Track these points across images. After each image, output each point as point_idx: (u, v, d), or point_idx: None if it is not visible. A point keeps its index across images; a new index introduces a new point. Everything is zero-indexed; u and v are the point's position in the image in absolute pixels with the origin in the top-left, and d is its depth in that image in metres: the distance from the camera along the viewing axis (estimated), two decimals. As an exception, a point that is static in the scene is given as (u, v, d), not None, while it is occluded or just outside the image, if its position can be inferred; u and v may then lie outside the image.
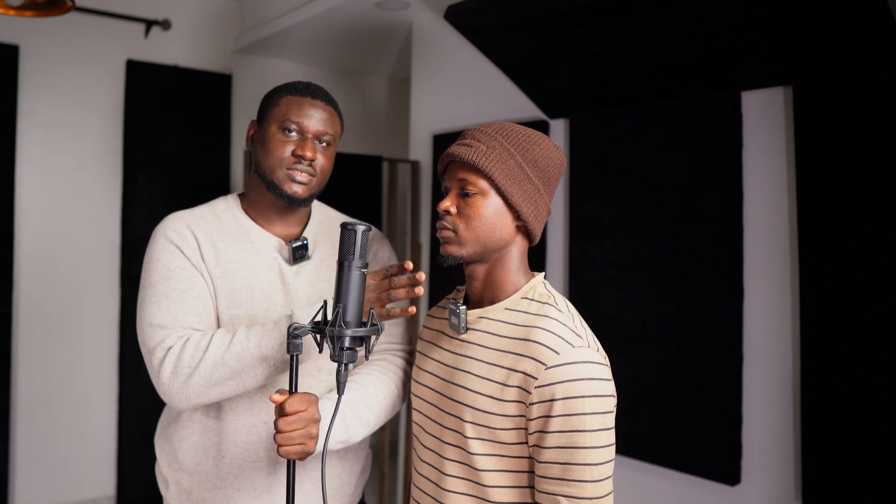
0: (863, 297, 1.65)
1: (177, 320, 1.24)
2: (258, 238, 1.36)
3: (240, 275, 1.31)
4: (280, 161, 1.30)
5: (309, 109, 1.31)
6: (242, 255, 1.33)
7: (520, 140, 1.10)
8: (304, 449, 1.08)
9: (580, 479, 0.97)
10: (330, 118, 1.34)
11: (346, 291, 1.04)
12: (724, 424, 1.90)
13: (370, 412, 1.26)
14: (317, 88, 1.35)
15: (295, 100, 1.32)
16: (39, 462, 3.19)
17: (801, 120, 1.77)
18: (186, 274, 1.28)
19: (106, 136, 3.39)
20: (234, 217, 1.38)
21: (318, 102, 1.33)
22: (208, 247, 1.32)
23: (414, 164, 3.16)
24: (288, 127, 1.30)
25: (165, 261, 1.29)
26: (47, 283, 3.23)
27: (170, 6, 3.56)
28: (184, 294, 1.27)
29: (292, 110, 1.30)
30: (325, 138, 1.33)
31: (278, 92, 1.35)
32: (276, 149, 1.30)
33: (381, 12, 3.07)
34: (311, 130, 1.31)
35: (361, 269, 1.05)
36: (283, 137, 1.30)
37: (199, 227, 1.34)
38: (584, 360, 1.00)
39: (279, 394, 1.07)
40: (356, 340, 1.04)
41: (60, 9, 1.77)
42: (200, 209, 1.39)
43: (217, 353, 1.19)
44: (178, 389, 1.20)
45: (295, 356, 1.07)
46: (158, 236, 1.32)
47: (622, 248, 2.17)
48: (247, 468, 1.29)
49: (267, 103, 1.35)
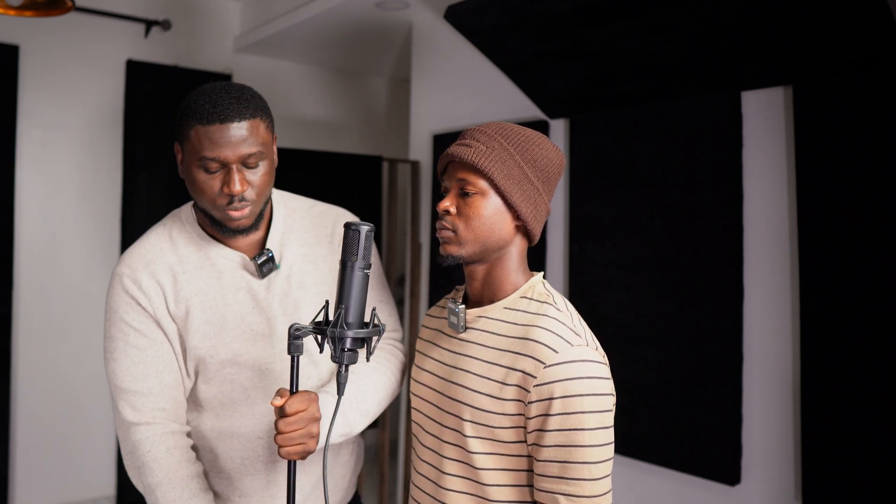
0: (863, 298, 1.65)
1: (139, 385, 1.24)
2: (219, 260, 1.30)
3: (208, 305, 1.27)
4: (212, 203, 1.20)
5: (222, 138, 1.15)
6: (207, 284, 1.28)
7: (519, 140, 1.10)
8: (305, 448, 1.08)
9: (579, 477, 0.97)
10: (250, 133, 1.18)
11: (348, 293, 1.03)
12: (724, 424, 1.90)
13: (369, 402, 1.25)
14: (225, 103, 1.17)
15: (204, 130, 1.16)
16: (39, 462, 3.19)
17: (801, 120, 1.77)
18: (144, 328, 1.25)
19: (106, 136, 3.39)
20: (191, 239, 1.31)
21: (230, 124, 1.16)
22: (171, 286, 1.26)
23: (414, 164, 3.16)
24: (207, 166, 1.17)
25: (122, 313, 1.25)
26: (47, 283, 3.23)
27: (170, 6, 3.56)
28: (143, 353, 1.24)
29: (205, 145, 1.16)
30: (251, 160, 1.19)
31: (186, 119, 1.19)
32: (203, 191, 1.20)
33: (381, 12, 3.07)
34: (234, 159, 1.17)
35: (364, 270, 1.04)
36: (207, 177, 1.18)
37: (158, 265, 1.27)
38: (582, 359, 1.00)
39: (279, 396, 1.07)
40: (357, 342, 1.03)
41: (60, 9, 1.77)
42: (157, 235, 1.32)
43: (147, 485, 1.21)
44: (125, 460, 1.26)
45: (296, 357, 1.06)
46: (115, 284, 1.27)
47: (622, 248, 2.17)
48: (248, 474, 1.29)
49: (179, 131, 1.22)
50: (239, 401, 1.28)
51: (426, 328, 1.28)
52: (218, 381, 1.28)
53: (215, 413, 1.29)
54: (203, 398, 1.29)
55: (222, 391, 1.28)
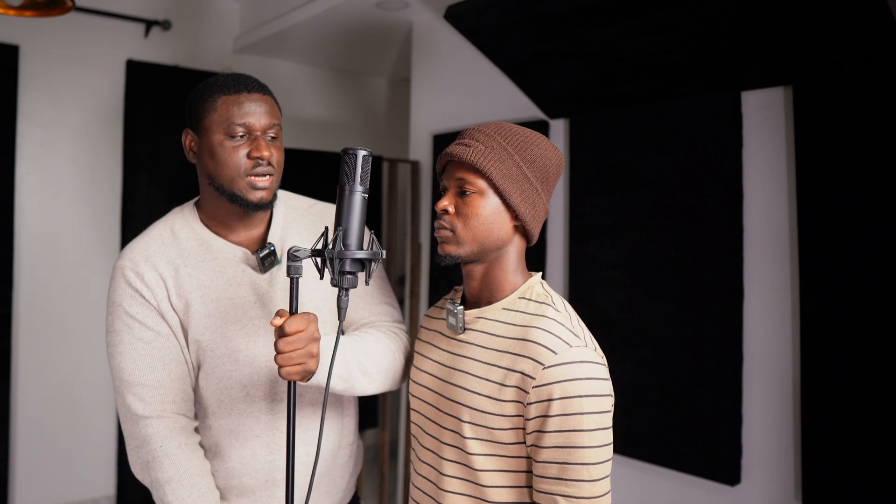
0: (863, 298, 1.65)
1: (148, 378, 1.24)
2: (221, 253, 1.30)
3: (210, 298, 1.27)
4: (238, 169, 1.22)
5: (249, 105, 1.22)
6: (208, 278, 1.28)
7: (518, 140, 1.10)
8: (305, 368, 1.07)
9: (578, 478, 0.97)
10: (271, 108, 1.26)
11: (346, 215, 1.03)
12: (724, 424, 1.90)
13: (369, 361, 1.23)
14: (247, 79, 1.26)
15: (232, 98, 1.22)
16: (39, 462, 3.19)
17: (801, 120, 1.77)
18: (149, 321, 1.25)
19: (106, 136, 3.39)
20: (194, 233, 1.31)
21: (255, 95, 1.24)
22: (172, 279, 1.26)
23: (414, 164, 3.16)
24: (234, 132, 1.21)
25: (126, 306, 1.25)
26: (47, 283, 3.23)
27: (170, 6, 3.56)
28: (149, 345, 1.24)
29: (233, 112, 1.21)
30: (272, 131, 1.25)
31: (209, 93, 1.25)
32: (229, 158, 1.22)
33: (381, 12, 3.07)
34: (259, 127, 1.23)
35: (362, 194, 1.04)
36: (233, 143, 1.22)
37: (160, 258, 1.27)
38: (581, 360, 1.00)
39: (279, 316, 1.06)
40: (356, 264, 1.04)
41: (60, 9, 1.77)
42: (158, 229, 1.33)
43: (156, 480, 1.22)
44: (129, 456, 1.27)
45: (295, 279, 1.06)
46: (118, 277, 1.27)
47: (622, 248, 2.17)
48: (247, 473, 1.29)
49: (200, 108, 1.25)
50: (237, 398, 1.27)
51: (425, 329, 1.28)
52: (216, 377, 1.27)
53: (213, 411, 1.29)
54: (202, 395, 1.29)
55: (221, 388, 1.28)
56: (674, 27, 1.84)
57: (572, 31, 2.03)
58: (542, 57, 2.23)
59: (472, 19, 2.23)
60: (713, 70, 1.92)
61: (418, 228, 3.18)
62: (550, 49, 2.17)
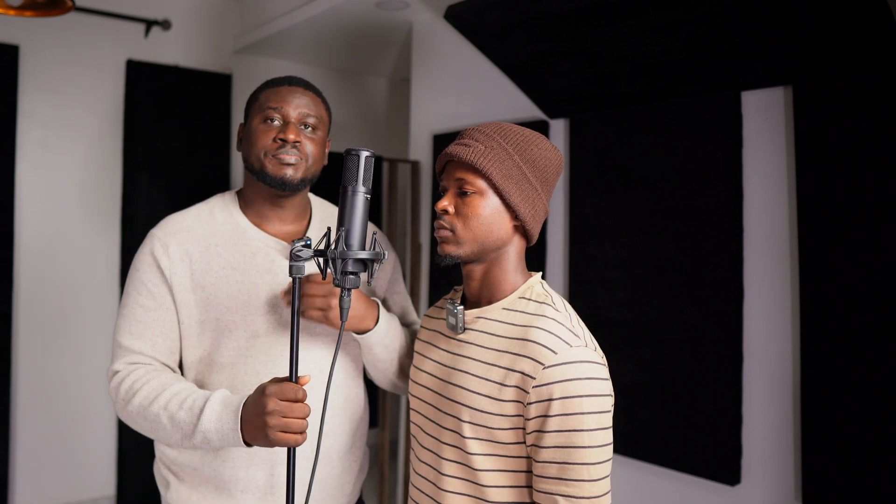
0: (863, 298, 1.65)
1: (133, 343, 1.29)
2: (254, 240, 1.34)
3: (235, 280, 1.29)
4: (264, 148, 1.28)
5: (287, 95, 1.30)
6: (237, 260, 1.31)
7: (518, 140, 1.10)
8: (327, 314, 1.19)
9: (578, 478, 0.97)
10: (312, 102, 1.32)
11: (349, 216, 1.04)
12: (724, 424, 1.89)
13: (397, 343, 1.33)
14: (296, 78, 1.35)
15: (273, 90, 1.31)
16: (39, 462, 3.19)
17: (801, 120, 1.77)
18: (156, 291, 1.29)
19: (106, 136, 3.39)
20: (231, 216, 1.36)
21: (297, 88, 1.32)
22: (199, 255, 1.30)
23: (414, 164, 3.16)
24: (269, 116, 1.29)
25: (142, 273, 1.31)
26: (47, 283, 3.23)
27: (170, 6, 3.56)
28: (146, 313, 1.29)
29: (270, 98, 1.30)
30: (310, 121, 1.31)
31: (261, 89, 1.35)
32: (259, 138, 1.29)
33: (380, 12, 3.07)
34: (293, 115, 1.29)
35: (365, 194, 1.05)
36: (266, 127, 1.29)
37: (191, 234, 1.32)
38: (581, 360, 1.00)
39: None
40: (359, 264, 1.04)
41: (60, 9, 1.77)
42: (199, 209, 1.38)
43: (141, 403, 1.23)
44: (120, 414, 1.29)
45: (297, 279, 1.07)
46: (146, 244, 1.33)
47: (622, 248, 2.17)
48: (250, 470, 1.29)
49: (250, 101, 1.36)
50: (250, 384, 1.27)
51: (424, 329, 1.28)
52: (230, 365, 1.28)
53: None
54: (212, 381, 1.29)
55: (234, 373, 1.28)
56: (674, 27, 1.84)
57: (572, 31, 2.03)
58: (542, 57, 2.23)
59: (472, 19, 2.23)
60: (713, 70, 1.92)
61: (418, 228, 3.18)
62: (550, 49, 2.17)
